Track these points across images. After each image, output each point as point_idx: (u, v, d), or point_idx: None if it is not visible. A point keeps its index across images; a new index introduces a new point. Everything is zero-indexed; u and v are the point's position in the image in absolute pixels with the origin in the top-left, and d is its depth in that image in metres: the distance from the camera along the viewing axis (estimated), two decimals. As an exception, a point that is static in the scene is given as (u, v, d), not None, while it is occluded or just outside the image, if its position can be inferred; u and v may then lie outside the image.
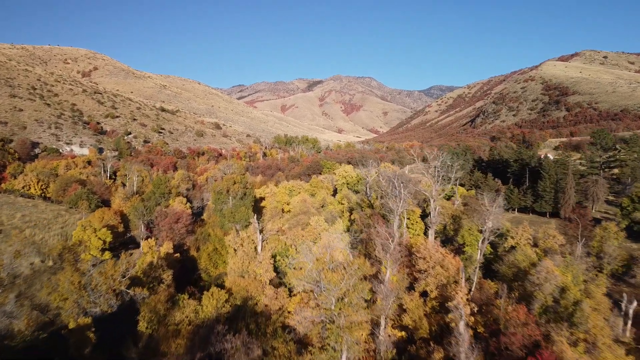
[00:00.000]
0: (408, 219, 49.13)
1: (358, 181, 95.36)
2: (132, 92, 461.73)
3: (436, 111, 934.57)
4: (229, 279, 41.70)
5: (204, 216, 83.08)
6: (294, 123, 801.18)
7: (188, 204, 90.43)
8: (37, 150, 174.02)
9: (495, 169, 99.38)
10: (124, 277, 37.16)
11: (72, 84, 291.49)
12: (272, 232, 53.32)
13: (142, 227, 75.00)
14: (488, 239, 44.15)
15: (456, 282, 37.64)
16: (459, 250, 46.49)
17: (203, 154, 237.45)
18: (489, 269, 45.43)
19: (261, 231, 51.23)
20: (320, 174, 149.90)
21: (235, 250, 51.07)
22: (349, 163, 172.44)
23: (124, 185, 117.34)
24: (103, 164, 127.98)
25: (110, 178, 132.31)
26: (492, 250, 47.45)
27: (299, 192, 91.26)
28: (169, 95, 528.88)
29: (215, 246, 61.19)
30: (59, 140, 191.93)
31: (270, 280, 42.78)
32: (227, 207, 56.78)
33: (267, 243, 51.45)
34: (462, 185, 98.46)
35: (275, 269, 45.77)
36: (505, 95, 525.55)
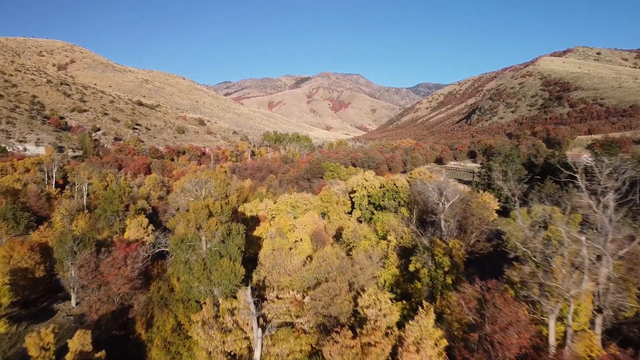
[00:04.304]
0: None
1: (384, 194, 70.94)
2: (110, 86, 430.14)
3: (427, 108, 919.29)
4: None
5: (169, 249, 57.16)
6: (282, 120, 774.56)
7: (151, 227, 64.65)
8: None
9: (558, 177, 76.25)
10: None
11: (35, 74, 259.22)
12: (281, 309, 28.25)
13: (73, 270, 49.10)
14: None
15: None
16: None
17: (184, 153, 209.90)
18: None
19: (259, 318, 26.12)
20: (322, 178, 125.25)
21: (209, 354, 26.10)
22: (353, 165, 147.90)
23: (72, 197, 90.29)
24: (48, 166, 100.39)
25: (60, 186, 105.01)
26: None
27: (306, 209, 66.40)
28: (150, 90, 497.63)
29: (178, 320, 36.00)
30: (9, 138, 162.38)
31: None
32: (196, 258, 31.68)
33: (273, 341, 26.52)
34: (520, 200, 74.55)
35: None
36: (502, 91, 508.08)
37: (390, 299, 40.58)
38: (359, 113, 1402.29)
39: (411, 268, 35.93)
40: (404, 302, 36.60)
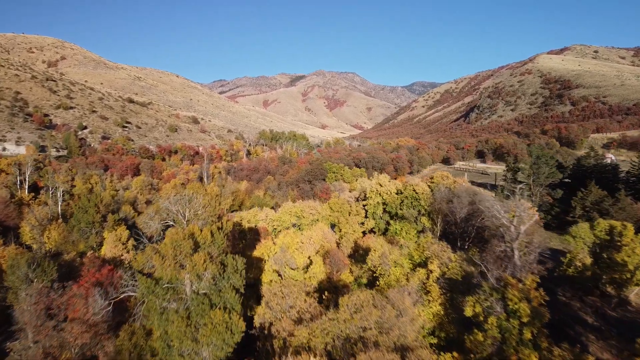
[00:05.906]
0: None
1: (402, 201, 61.91)
2: (101, 83, 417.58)
3: (423, 106, 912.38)
4: None
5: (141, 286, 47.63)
6: (277, 118, 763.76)
7: (131, 242, 55.18)
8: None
9: (599, 180, 67.67)
10: None
11: (20, 69, 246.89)
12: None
13: (29, 301, 39.46)
14: None
15: None
16: None
17: (176, 152, 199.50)
18: None
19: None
20: (324, 180, 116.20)
21: None
22: (356, 166, 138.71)
23: (46, 203, 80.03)
24: (22, 168, 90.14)
25: (37, 190, 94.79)
26: None
27: (314, 219, 57.18)
28: (143, 88, 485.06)
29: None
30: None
31: None
32: (177, 307, 22.59)
33: None
34: (557, 208, 65.89)
35: None
36: (501, 90, 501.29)
37: (432, 344, 31.56)
38: (355, 111, 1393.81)
39: (468, 312, 26.81)
40: (456, 354, 27.36)
